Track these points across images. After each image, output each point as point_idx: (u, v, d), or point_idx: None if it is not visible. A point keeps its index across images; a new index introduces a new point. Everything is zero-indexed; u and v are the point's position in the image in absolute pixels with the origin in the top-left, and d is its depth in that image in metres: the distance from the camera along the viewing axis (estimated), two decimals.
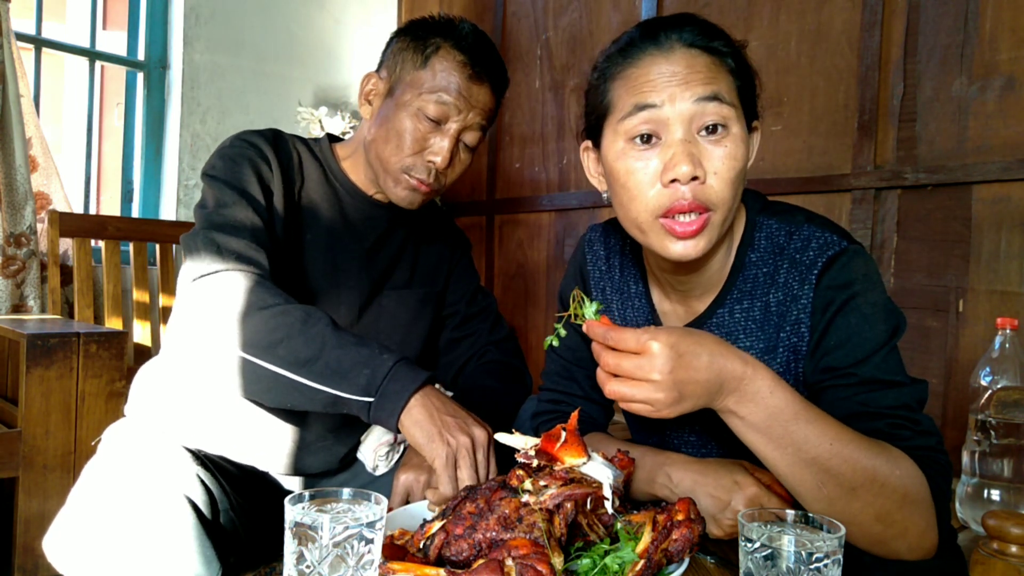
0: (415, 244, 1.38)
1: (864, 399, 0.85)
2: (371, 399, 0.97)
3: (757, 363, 0.79)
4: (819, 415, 0.80)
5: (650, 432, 1.12)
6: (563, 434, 0.81)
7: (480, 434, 0.98)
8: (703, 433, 1.05)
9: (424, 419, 0.96)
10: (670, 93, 0.86)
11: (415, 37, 1.21)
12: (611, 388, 0.78)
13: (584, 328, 0.81)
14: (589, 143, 1.01)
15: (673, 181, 0.86)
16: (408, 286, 1.34)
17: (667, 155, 0.87)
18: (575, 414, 0.85)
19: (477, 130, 1.23)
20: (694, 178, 0.85)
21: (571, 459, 0.80)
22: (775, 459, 0.80)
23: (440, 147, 1.19)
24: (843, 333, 0.89)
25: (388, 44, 1.27)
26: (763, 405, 0.78)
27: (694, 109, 0.86)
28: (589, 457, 0.81)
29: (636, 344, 0.76)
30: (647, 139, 0.88)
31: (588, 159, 1.03)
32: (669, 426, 1.08)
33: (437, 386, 1.37)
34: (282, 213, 1.19)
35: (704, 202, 0.86)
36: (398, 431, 0.97)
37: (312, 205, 1.26)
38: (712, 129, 0.87)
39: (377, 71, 1.27)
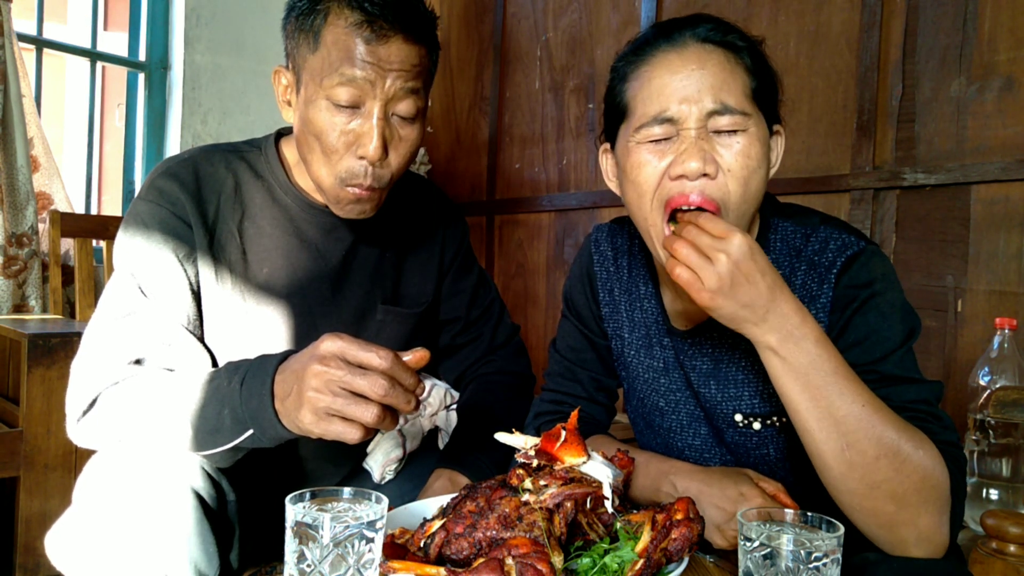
0: (395, 251, 1.22)
1: (886, 393, 0.85)
2: (251, 431, 0.88)
3: (809, 316, 0.80)
4: (856, 378, 0.80)
5: (654, 434, 1.12)
6: (563, 433, 0.82)
7: (329, 347, 0.80)
8: (707, 437, 1.06)
9: (298, 411, 0.82)
10: (685, 100, 0.86)
11: (300, 11, 1.01)
12: (677, 246, 0.80)
13: (680, 215, 0.85)
14: (608, 146, 1.01)
15: (680, 176, 0.87)
16: (395, 302, 1.22)
17: (679, 150, 0.87)
18: (575, 413, 0.85)
19: (408, 96, 1.00)
20: (704, 175, 0.86)
21: (571, 458, 0.81)
22: (807, 411, 0.80)
23: (366, 137, 0.99)
24: (862, 331, 0.89)
25: (282, 25, 1.07)
26: (806, 351, 0.79)
27: (706, 117, 0.87)
28: (589, 456, 0.82)
29: (724, 229, 0.79)
30: (659, 141, 0.89)
31: (607, 162, 1.02)
32: (673, 429, 1.08)
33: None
34: (220, 263, 1.07)
35: (713, 198, 0.86)
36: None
37: (260, 235, 1.10)
38: (724, 131, 0.87)
39: (285, 64, 1.08)
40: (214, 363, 1.09)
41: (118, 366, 0.99)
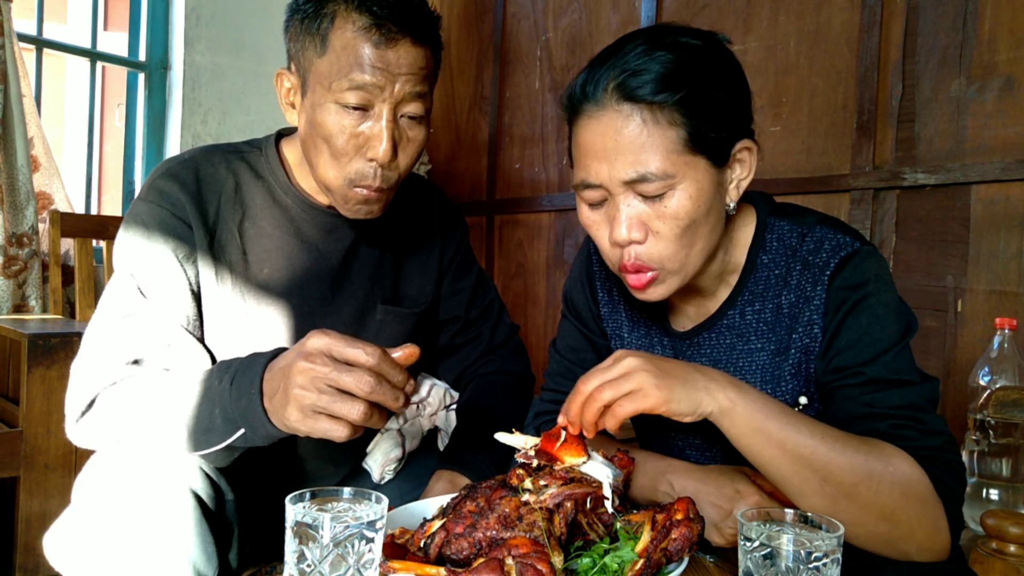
0: (395, 251, 1.23)
1: (869, 399, 0.86)
2: (242, 430, 0.88)
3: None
4: (801, 414, 0.82)
5: (655, 434, 1.12)
6: (563, 433, 0.82)
7: (315, 344, 0.80)
8: (708, 437, 1.06)
9: (284, 409, 0.82)
10: (605, 169, 0.86)
11: (305, 15, 1.01)
12: (602, 396, 0.79)
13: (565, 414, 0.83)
14: None
15: (615, 244, 0.89)
16: (395, 302, 1.23)
17: (611, 216, 0.89)
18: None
19: (416, 99, 1.02)
20: (634, 241, 0.88)
21: (571, 458, 0.81)
22: (779, 459, 0.80)
23: (376, 139, 1.00)
24: (854, 333, 0.89)
25: (285, 27, 1.07)
26: (754, 396, 0.81)
27: (627, 185, 0.86)
28: (589, 456, 0.82)
29: (608, 360, 0.81)
30: (599, 203, 0.91)
31: None
32: (674, 429, 1.08)
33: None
34: (220, 263, 1.08)
35: (647, 263, 0.89)
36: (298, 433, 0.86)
37: (261, 235, 1.11)
38: (650, 195, 0.86)
39: (288, 66, 1.08)
40: (214, 363, 1.09)
41: (117, 367, 1.00)
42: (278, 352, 0.88)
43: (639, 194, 0.86)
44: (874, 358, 0.88)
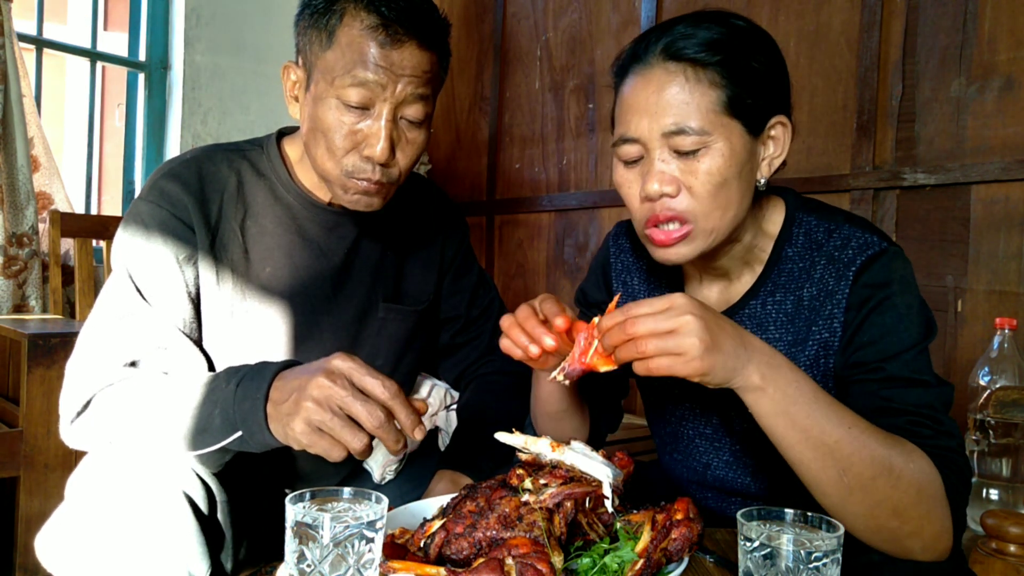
0: (396, 249, 1.23)
1: (889, 394, 0.87)
2: (239, 433, 0.87)
3: (766, 344, 0.81)
4: (834, 400, 0.81)
5: (665, 423, 1.13)
6: (596, 341, 0.80)
7: (339, 365, 0.83)
8: (719, 427, 1.07)
9: (291, 419, 0.83)
10: (645, 123, 0.89)
11: (315, 10, 1.03)
12: (643, 347, 0.75)
13: (602, 319, 0.79)
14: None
15: (647, 199, 0.90)
16: (396, 300, 1.22)
17: (645, 171, 0.91)
18: (617, 299, 0.84)
19: (417, 101, 1.02)
20: (664, 195, 0.89)
21: (604, 367, 0.81)
22: (801, 443, 0.79)
23: (374, 138, 1.01)
24: (877, 331, 0.90)
25: (295, 22, 1.08)
26: (787, 378, 0.79)
27: (665, 138, 0.89)
28: (618, 367, 0.81)
29: (665, 301, 0.76)
30: (635, 161, 0.93)
31: None
32: (686, 418, 1.09)
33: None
34: (222, 263, 1.08)
35: (680, 214, 0.90)
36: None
37: (263, 233, 1.11)
38: (685, 151, 0.88)
39: (295, 60, 1.10)
40: (211, 366, 1.09)
41: (113, 368, 0.99)
42: (290, 363, 0.89)
43: (674, 150, 0.88)
44: (895, 356, 0.88)
